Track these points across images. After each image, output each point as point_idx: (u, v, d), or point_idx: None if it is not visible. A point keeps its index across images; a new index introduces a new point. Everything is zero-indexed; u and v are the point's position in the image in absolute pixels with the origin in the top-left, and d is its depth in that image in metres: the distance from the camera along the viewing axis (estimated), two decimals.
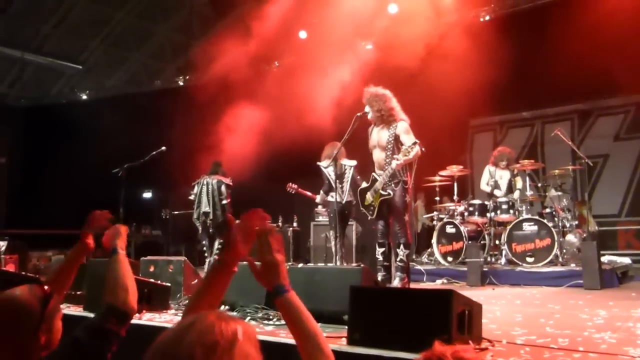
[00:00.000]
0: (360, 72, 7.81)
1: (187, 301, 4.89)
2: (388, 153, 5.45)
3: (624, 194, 10.55)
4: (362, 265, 4.09)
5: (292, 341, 3.52)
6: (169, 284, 4.87)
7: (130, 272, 2.02)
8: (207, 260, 8.51)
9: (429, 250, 8.39)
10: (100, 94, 14.82)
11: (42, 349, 1.76)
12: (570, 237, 7.31)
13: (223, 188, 8.44)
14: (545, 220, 7.24)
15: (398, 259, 5.35)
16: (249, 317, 4.08)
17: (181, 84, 13.40)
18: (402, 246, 5.33)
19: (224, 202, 8.37)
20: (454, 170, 8.26)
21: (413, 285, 6.16)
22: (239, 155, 9.12)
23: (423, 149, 5.35)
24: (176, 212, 10.53)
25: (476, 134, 11.95)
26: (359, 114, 5.57)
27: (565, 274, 6.70)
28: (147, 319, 4.27)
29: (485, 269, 7.09)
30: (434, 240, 8.06)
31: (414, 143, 5.22)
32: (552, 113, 11.19)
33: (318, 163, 7.99)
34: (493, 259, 7.63)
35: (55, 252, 10.15)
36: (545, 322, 4.03)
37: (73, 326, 2.68)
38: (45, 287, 1.82)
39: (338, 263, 7.55)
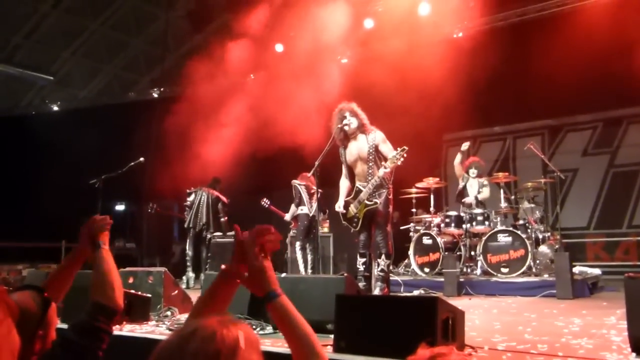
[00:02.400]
0: (336, 86, 7.92)
1: (167, 312, 4.85)
2: (370, 164, 5.50)
3: (592, 208, 10.82)
4: (345, 274, 4.12)
5: (276, 349, 3.56)
6: (149, 295, 4.81)
7: (114, 268, 1.98)
8: (188, 270, 8.48)
9: (406, 261, 8.47)
10: (72, 105, 14.61)
11: (34, 355, 1.70)
12: (543, 248, 7.47)
13: (219, 206, 8.60)
14: (519, 232, 7.40)
15: (379, 269, 5.39)
16: None
17: (155, 96, 13.30)
18: (383, 256, 5.37)
19: (222, 219, 8.53)
20: (430, 182, 8.38)
21: None
22: (215, 168, 9.13)
23: (404, 151, 5.37)
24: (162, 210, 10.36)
25: (450, 147, 12.14)
26: (339, 126, 5.63)
27: (539, 284, 6.85)
28: (128, 330, 4.21)
29: (461, 280, 7.20)
30: (411, 252, 8.14)
31: (403, 150, 5.27)
32: (523, 128, 11.46)
33: (293, 181, 8.38)
34: (469, 270, 7.76)
35: (27, 265, 9.93)
36: (524, 330, 4.12)
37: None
38: (45, 294, 1.76)
39: (305, 272, 7.85)
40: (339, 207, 5.77)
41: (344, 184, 5.89)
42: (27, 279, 6.95)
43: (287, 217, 8.84)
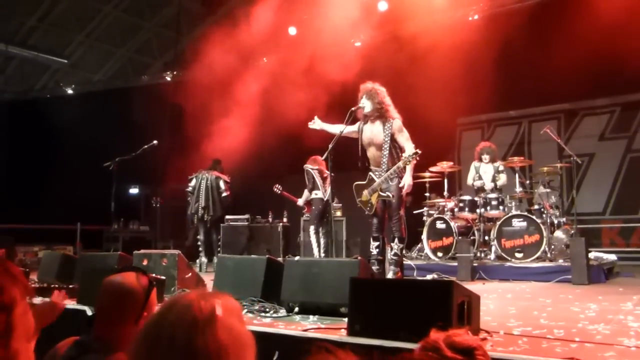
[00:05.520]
0: (349, 70, 7.84)
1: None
2: (385, 152, 5.44)
3: (608, 193, 10.69)
4: (359, 257, 4.11)
5: (289, 332, 3.54)
6: (163, 277, 4.83)
7: None
8: (201, 256, 8.49)
9: (419, 245, 8.44)
10: (85, 88, 14.66)
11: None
12: (558, 234, 7.40)
13: (221, 183, 8.56)
14: (534, 217, 7.34)
15: (392, 253, 5.39)
16: (245, 310, 4.07)
17: (168, 79, 13.30)
18: (396, 240, 5.36)
19: (224, 194, 8.48)
20: (444, 166, 8.32)
21: None
22: (228, 151, 9.13)
23: (417, 155, 5.32)
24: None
25: (464, 131, 12.04)
26: (353, 108, 5.57)
27: (554, 270, 6.79)
28: None
29: (475, 264, 7.16)
30: (424, 236, 8.10)
31: (415, 153, 5.22)
32: (539, 112, 11.30)
33: (305, 166, 8.35)
34: (483, 255, 7.71)
35: (42, 247, 10.06)
36: (539, 315, 4.09)
37: (68, 318, 2.63)
38: (148, 278, 1.86)
39: (319, 256, 7.85)
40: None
41: (337, 126, 5.81)
42: (43, 260, 7.02)
43: (300, 202, 8.84)
